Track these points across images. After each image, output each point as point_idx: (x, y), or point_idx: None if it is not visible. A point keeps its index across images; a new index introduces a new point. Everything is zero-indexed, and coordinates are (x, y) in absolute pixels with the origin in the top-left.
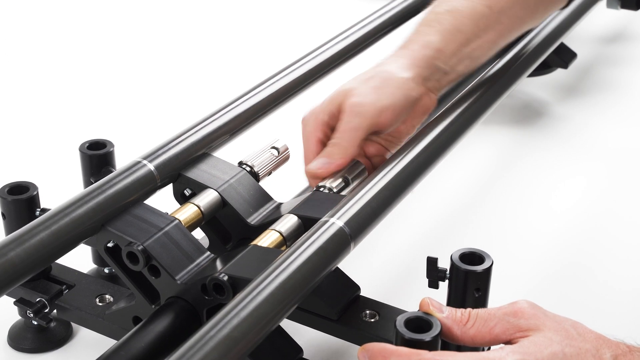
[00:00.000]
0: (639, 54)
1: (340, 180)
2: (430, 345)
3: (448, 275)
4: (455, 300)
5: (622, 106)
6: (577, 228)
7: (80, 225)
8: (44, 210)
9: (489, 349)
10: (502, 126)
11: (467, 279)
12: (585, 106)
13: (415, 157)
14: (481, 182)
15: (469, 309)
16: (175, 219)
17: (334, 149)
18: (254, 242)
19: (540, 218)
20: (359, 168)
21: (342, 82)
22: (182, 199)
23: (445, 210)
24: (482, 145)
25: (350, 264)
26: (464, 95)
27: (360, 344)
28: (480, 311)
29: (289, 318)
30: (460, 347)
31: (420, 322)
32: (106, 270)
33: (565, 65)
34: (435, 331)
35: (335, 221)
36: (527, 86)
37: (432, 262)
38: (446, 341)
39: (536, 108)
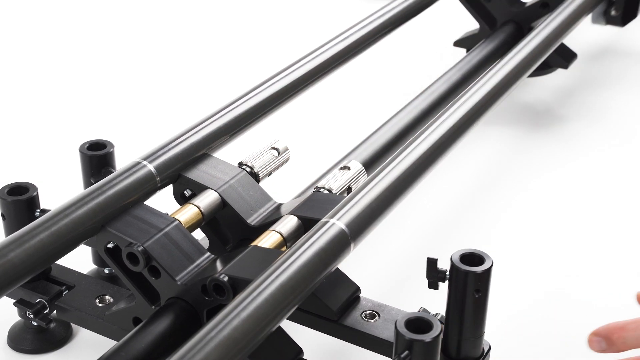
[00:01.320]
0: (639, 54)
1: (343, 187)
2: (430, 346)
3: (448, 276)
4: (455, 301)
5: (620, 106)
6: (577, 228)
7: (80, 226)
8: (43, 211)
9: None
10: (502, 126)
11: (467, 280)
12: (585, 106)
13: (415, 157)
14: (481, 183)
15: None
16: (175, 219)
17: None
18: (254, 243)
19: (541, 218)
20: (361, 175)
21: (341, 82)
22: (182, 199)
23: (445, 211)
24: (482, 145)
25: (350, 265)
26: (464, 96)
27: (360, 344)
28: None
29: (289, 319)
30: (460, 342)
31: (420, 323)
32: (106, 271)
33: (565, 65)
34: (435, 331)
35: (336, 222)
36: (527, 86)
37: (432, 263)
38: (446, 341)
39: (536, 108)
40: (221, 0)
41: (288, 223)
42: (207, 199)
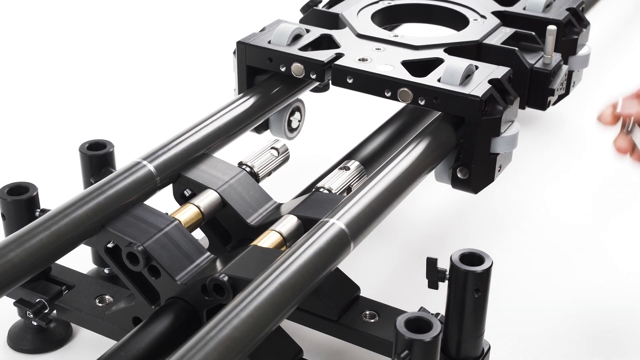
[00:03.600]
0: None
1: (343, 187)
2: (430, 346)
3: (448, 276)
4: (455, 300)
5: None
6: (576, 227)
7: (80, 226)
8: (43, 211)
9: None
10: None
11: (467, 280)
12: (585, 106)
13: (415, 157)
14: None
15: None
16: (175, 219)
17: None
18: (254, 243)
19: (540, 218)
20: (361, 174)
21: None
22: (182, 199)
23: (445, 211)
24: None
25: (350, 265)
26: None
27: (360, 344)
28: None
29: (289, 318)
30: (460, 342)
31: (420, 323)
32: (106, 271)
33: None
34: (435, 331)
35: (336, 222)
36: None
37: (431, 263)
38: (446, 341)
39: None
40: (221, 1)
41: (288, 223)
42: (207, 199)
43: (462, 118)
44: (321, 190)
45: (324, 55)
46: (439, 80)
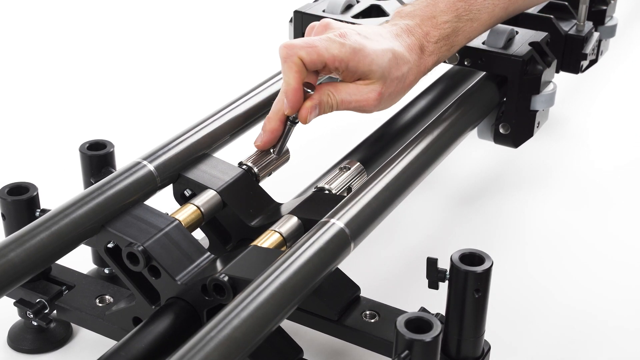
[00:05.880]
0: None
1: (343, 187)
2: (430, 346)
3: (448, 276)
4: (455, 300)
5: (623, 106)
6: (577, 228)
7: (81, 226)
8: (44, 211)
9: None
10: None
11: (467, 280)
12: (586, 106)
13: (415, 157)
14: (481, 183)
15: None
16: (175, 219)
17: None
18: (254, 243)
19: (540, 218)
20: (361, 174)
21: None
22: (182, 199)
23: (445, 211)
24: (482, 145)
25: (351, 264)
26: (464, 95)
27: (360, 344)
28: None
29: (289, 318)
30: (460, 342)
31: (420, 322)
32: (106, 271)
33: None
34: (435, 331)
35: (336, 222)
36: None
37: (432, 263)
38: (446, 341)
39: None
40: (221, 1)
41: (288, 223)
42: (207, 199)
43: (504, 78)
44: (321, 190)
45: (374, 22)
46: (483, 43)
